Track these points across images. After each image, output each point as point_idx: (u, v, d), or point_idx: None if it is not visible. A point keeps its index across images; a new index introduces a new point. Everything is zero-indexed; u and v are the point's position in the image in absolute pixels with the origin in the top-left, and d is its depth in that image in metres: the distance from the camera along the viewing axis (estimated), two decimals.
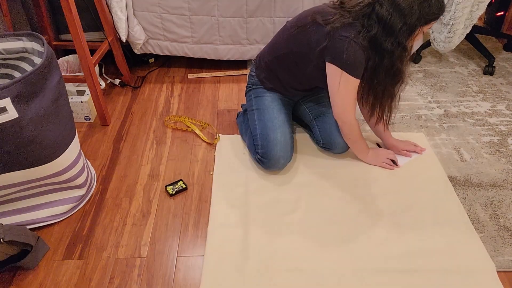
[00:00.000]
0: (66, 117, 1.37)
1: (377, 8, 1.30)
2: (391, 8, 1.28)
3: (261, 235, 1.40)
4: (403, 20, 1.29)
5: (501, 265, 1.31)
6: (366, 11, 1.32)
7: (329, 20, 1.37)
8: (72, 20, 1.63)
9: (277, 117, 1.62)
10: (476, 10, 2.01)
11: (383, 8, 1.29)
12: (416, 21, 1.29)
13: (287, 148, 1.59)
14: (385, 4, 1.29)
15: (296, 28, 1.47)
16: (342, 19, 1.35)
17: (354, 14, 1.34)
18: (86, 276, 1.30)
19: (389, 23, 1.29)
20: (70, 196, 1.48)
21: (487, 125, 1.91)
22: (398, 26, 1.29)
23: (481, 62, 2.41)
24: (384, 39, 1.31)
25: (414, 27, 1.31)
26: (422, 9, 1.28)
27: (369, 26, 1.32)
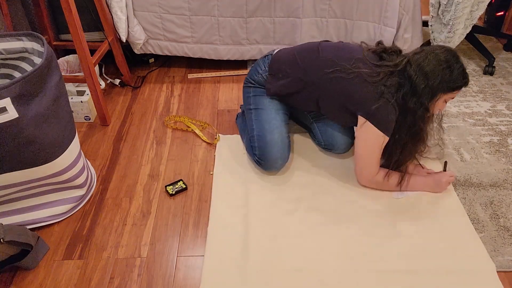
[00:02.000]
0: (66, 117, 1.37)
1: (408, 68, 1.37)
2: (417, 69, 1.36)
3: (261, 235, 1.40)
4: (426, 81, 1.35)
5: (501, 265, 1.31)
6: (402, 70, 1.39)
7: (377, 80, 1.40)
8: (72, 20, 1.63)
9: (275, 118, 1.61)
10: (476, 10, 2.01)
11: (411, 68, 1.36)
12: (438, 84, 1.35)
13: (284, 149, 1.59)
14: (413, 65, 1.37)
15: (335, 72, 1.46)
16: (389, 80, 1.40)
17: (395, 74, 1.40)
18: (86, 276, 1.30)
19: (414, 83, 1.36)
20: (70, 196, 1.48)
21: (487, 125, 1.91)
22: (421, 86, 1.35)
23: (481, 62, 2.41)
24: (410, 98, 1.38)
25: (436, 91, 1.36)
26: (444, 75, 1.34)
27: (402, 85, 1.39)
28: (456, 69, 1.35)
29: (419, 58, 1.37)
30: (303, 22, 2.14)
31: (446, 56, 1.36)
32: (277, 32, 2.18)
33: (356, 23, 2.15)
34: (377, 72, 1.41)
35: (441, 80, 1.35)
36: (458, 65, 1.36)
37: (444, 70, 1.34)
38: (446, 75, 1.34)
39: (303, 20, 2.13)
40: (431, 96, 1.37)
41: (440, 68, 1.34)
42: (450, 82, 1.35)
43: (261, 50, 2.24)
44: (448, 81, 1.35)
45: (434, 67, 1.35)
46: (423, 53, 1.38)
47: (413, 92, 1.37)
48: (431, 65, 1.35)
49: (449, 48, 1.38)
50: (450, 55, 1.36)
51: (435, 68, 1.34)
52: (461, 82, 1.37)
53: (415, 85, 1.36)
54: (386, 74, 1.40)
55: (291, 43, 2.20)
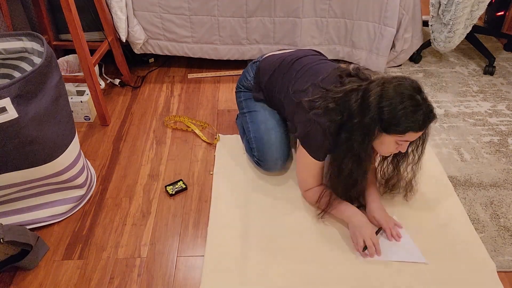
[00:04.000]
0: (66, 117, 1.37)
1: (352, 95, 1.23)
2: (360, 98, 1.20)
3: (261, 235, 1.40)
4: (361, 115, 1.19)
5: (501, 265, 1.31)
6: (347, 98, 1.24)
7: (314, 105, 1.30)
8: (72, 20, 1.63)
9: (270, 118, 1.61)
10: (476, 10, 2.01)
11: (355, 96, 1.22)
12: (370, 121, 1.17)
13: (283, 149, 1.59)
14: (360, 92, 1.21)
15: (294, 92, 1.43)
16: (324, 104, 1.27)
17: (337, 99, 1.26)
18: (86, 276, 1.30)
19: (350, 113, 1.22)
20: (70, 196, 1.48)
21: (487, 125, 1.91)
22: (355, 120, 1.20)
23: (481, 62, 2.41)
24: (342, 130, 1.25)
25: (369, 128, 1.19)
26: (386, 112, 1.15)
27: (340, 113, 1.25)
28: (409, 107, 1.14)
29: (377, 84, 1.19)
30: (303, 22, 2.14)
31: (409, 89, 1.15)
32: (277, 32, 2.18)
33: (356, 23, 2.15)
34: (322, 96, 1.29)
35: (377, 117, 1.16)
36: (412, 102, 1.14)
37: (394, 107, 1.14)
38: (392, 114, 1.15)
39: (303, 20, 2.13)
40: (363, 133, 1.20)
41: (391, 102, 1.15)
42: (394, 123, 1.16)
43: (261, 50, 2.24)
44: (392, 121, 1.15)
45: (386, 98, 1.15)
46: (382, 81, 1.19)
47: (347, 124, 1.23)
48: (385, 95, 1.16)
49: (414, 82, 1.18)
50: (414, 90, 1.16)
51: (386, 99, 1.15)
52: (409, 126, 1.15)
53: (350, 117, 1.22)
54: (328, 98, 1.27)
55: (291, 43, 2.20)
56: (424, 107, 1.16)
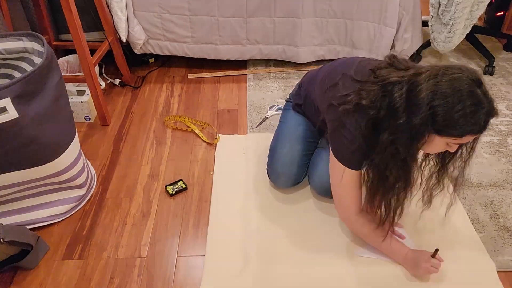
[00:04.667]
0: (66, 117, 1.37)
1: (395, 88, 1.03)
2: (408, 92, 1.00)
3: (261, 235, 1.40)
4: (409, 114, 1.00)
5: (501, 265, 1.31)
6: (386, 91, 1.05)
7: (345, 100, 1.12)
8: (72, 20, 1.63)
9: (292, 132, 1.48)
10: (476, 10, 2.01)
11: (399, 89, 1.02)
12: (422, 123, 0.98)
13: (291, 166, 1.46)
14: (405, 85, 1.01)
15: (327, 89, 1.25)
16: (357, 99, 1.09)
17: (373, 93, 1.07)
18: (86, 276, 1.30)
19: (393, 110, 1.03)
20: (70, 196, 1.48)
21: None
22: (400, 120, 1.01)
23: (481, 62, 2.41)
24: (382, 129, 1.06)
25: (418, 131, 1.00)
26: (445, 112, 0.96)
27: (377, 108, 1.06)
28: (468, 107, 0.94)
29: (427, 76, 0.98)
30: (303, 22, 2.14)
31: (469, 84, 0.95)
32: (277, 32, 2.18)
33: (356, 23, 2.15)
34: (355, 90, 1.11)
35: (430, 118, 0.97)
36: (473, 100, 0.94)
37: (451, 106, 0.95)
38: (449, 114, 0.96)
39: (303, 20, 2.13)
40: (411, 135, 1.02)
41: (446, 101, 0.95)
42: (450, 124, 0.97)
43: (261, 50, 2.24)
44: (449, 123, 0.97)
45: (441, 95, 0.95)
46: (440, 71, 0.98)
47: (387, 123, 1.05)
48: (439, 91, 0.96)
49: (474, 74, 0.97)
50: (474, 84, 0.96)
51: (440, 97, 0.95)
52: (468, 128, 0.97)
53: (392, 116, 1.03)
54: (362, 93, 1.09)
55: (291, 43, 2.20)
56: (486, 105, 0.95)
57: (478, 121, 0.96)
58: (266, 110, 2.00)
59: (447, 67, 0.99)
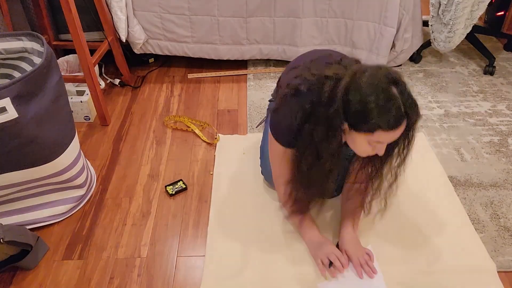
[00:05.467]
0: (66, 117, 1.37)
1: (326, 84, 1.07)
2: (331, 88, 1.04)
3: (261, 235, 1.40)
4: (327, 106, 1.04)
5: (501, 265, 1.31)
6: (320, 83, 1.09)
7: (289, 84, 1.18)
8: (72, 20, 1.63)
9: None
10: (476, 10, 2.01)
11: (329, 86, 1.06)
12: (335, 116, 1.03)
13: None
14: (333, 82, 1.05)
15: (290, 70, 1.31)
16: (296, 84, 1.15)
17: (311, 82, 1.12)
18: (86, 276, 1.30)
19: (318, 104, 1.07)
20: (70, 196, 1.48)
21: (487, 125, 1.91)
22: (320, 111, 1.06)
23: (481, 62, 2.41)
24: (309, 120, 1.11)
25: (332, 123, 1.04)
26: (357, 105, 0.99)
27: (313, 94, 1.10)
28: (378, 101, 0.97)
29: (349, 73, 1.02)
30: (303, 22, 2.14)
31: (382, 81, 0.98)
32: (277, 32, 2.18)
33: (356, 23, 2.15)
34: (299, 75, 1.17)
35: (342, 111, 1.01)
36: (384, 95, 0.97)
37: (362, 100, 0.98)
38: (360, 108, 0.99)
39: (303, 20, 2.13)
40: (327, 127, 1.06)
41: (359, 94, 0.98)
42: (361, 118, 1.00)
43: (261, 50, 2.24)
44: (360, 117, 1.00)
45: (354, 88, 0.99)
46: (355, 70, 1.03)
47: (313, 114, 1.09)
48: (353, 85, 1.00)
49: (391, 73, 1.00)
50: (389, 81, 0.99)
51: (353, 90, 0.99)
52: (377, 124, 0.99)
53: (317, 106, 1.07)
54: (304, 80, 1.13)
55: (291, 43, 2.20)
56: (399, 101, 0.97)
57: (388, 116, 0.97)
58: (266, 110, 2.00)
59: (370, 66, 1.03)
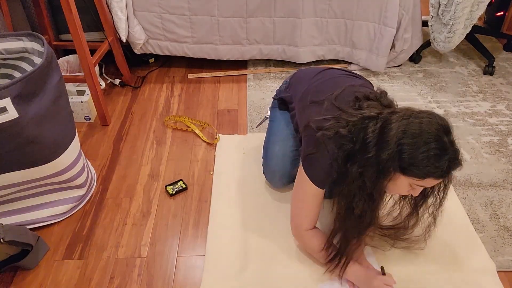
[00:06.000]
0: (66, 117, 1.37)
1: (370, 123, 1.06)
2: (380, 129, 1.03)
3: (261, 235, 1.40)
4: (377, 150, 1.03)
5: (501, 265, 1.31)
6: (363, 124, 1.08)
7: (324, 125, 1.14)
8: (72, 20, 1.63)
9: (282, 130, 1.51)
10: (476, 10, 2.01)
11: (374, 125, 1.05)
12: (389, 160, 1.01)
13: (284, 162, 1.48)
14: (379, 122, 1.04)
15: (311, 104, 1.27)
16: (336, 127, 1.11)
17: (351, 124, 1.09)
18: (86, 276, 1.30)
19: (364, 145, 1.06)
20: (70, 196, 1.48)
21: (487, 125, 1.91)
22: (369, 154, 1.04)
23: (481, 62, 2.41)
24: (353, 161, 1.09)
25: (385, 166, 1.02)
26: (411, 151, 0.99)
27: (351, 141, 1.09)
28: (433, 150, 0.98)
29: (401, 116, 1.02)
30: (303, 22, 2.14)
31: (438, 129, 0.99)
32: (277, 32, 2.18)
33: (356, 23, 2.15)
34: (335, 116, 1.14)
35: (396, 155, 1.00)
36: (438, 144, 0.98)
37: (417, 147, 0.98)
38: (414, 154, 0.98)
39: (303, 20, 2.13)
40: (378, 170, 1.04)
41: (414, 141, 0.98)
42: (414, 164, 0.99)
43: (261, 50, 2.24)
44: (413, 162, 0.99)
45: (410, 134, 0.99)
46: (414, 113, 1.03)
47: (358, 156, 1.07)
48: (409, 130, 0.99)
49: (443, 121, 1.02)
50: (443, 130, 1.00)
51: (409, 136, 0.99)
52: (431, 171, 0.99)
53: (363, 149, 1.06)
54: (342, 121, 1.11)
55: (291, 43, 2.21)
56: (450, 152, 0.99)
57: (441, 165, 0.98)
58: (266, 110, 2.00)
59: (421, 111, 1.04)
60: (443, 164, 0.98)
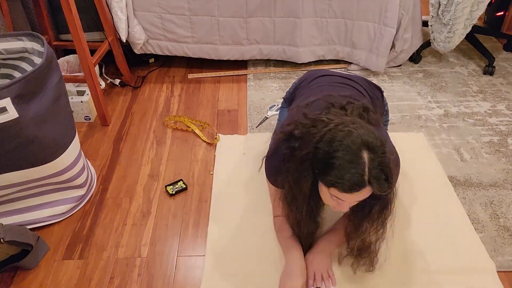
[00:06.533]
0: (66, 117, 1.37)
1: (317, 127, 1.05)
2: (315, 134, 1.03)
3: (261, 235, 1.40)
4: (301, 148, 1.05)
5: (501, 265, 1.31)
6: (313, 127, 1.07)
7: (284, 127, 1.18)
8: (72, 20, 1.63)
9: None
10: (476, 10, 2.01)
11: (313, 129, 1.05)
12: (305, 164, 1.03)
13: None
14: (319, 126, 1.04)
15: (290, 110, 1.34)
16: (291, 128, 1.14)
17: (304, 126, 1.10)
18: (86, 276, 1.30)
19: (297, 144, 1.08)
20: (70, 196, 1.48)
21: (487, 125, 1.91)
22: (297, 151, 1.06)
23: (481, 62, 2.41)
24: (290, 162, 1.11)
25: (301, 166, 1.05)
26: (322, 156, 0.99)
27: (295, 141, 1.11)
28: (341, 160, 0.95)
29: (335, 123, 1.01)
30: (303, 22, 2.14)
31: (355, 142, 0.96)
32: (277, 32, 2.18)
33: (356, 23, 2.15)
34: (295, 120, 1.15)
35: (312, 156, 1.01)
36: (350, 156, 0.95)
37: (329, 152, 0.97)
38: (325, 159, 0.98)
39: (303, 20, 2.13)
40: (298, 169, 1.06)
41: (328, 145, 0.97)
42: (324, 170, 0.98)
43: (261, 50, 2.24)
44: (323, 167, 0.98)
45: (327, 139, 0.98)
46: (349, 123, 1.00)
47: (294, 154, 1.09)
48: (328, 136, 0.99)
49: (375, 139, 0.97)
50: (363, 145, 0.96)
51: (326, 141, 0.99)
52: (334, 180, 0.96)
53: (296, 146, 1.08)
54: (298, 124, 1.12)
55: (291, 43, 2.21)
56: (363, 168, 0.94)
57: (346, 178, 0.94)
58: (266, 110, 2.01)
59: (356, 122, 1.01)
60: (348, 178, 0.94)
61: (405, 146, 1.76)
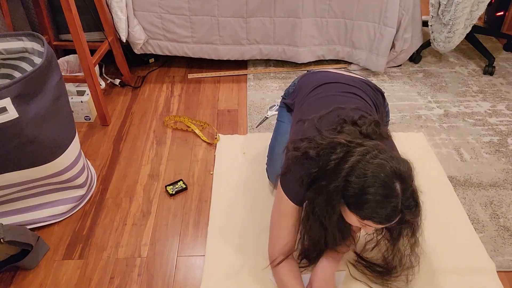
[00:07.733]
0: (66, 117, 1.37)
1: (337, 151, 1.03)
2: (341, 159, 1.01)
3: (261, 235, 1.40)
4: (329, 179, 1.01)
5: (501, 265, 1.31)
6: (331, 149, 1.05)
7: (298, 145, 1.13)
8: (72, 20, 1.63)
9: (289, 132, 1.49)
10: (476, 10, 2.01)
11: (337, 154, 1.02)
12: (336, 194, 1.00)
13: None
14: (342, 153, 1.02)
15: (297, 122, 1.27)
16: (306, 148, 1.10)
17: (321, 147, 1.07)
18: (86, 276, 1.30)
19: (323, 171, 1.04)
20: (70, 196, 1.48)
21: (487, 125, 1.91)
22: (322, 181, 1.04)
23: (481, 62, 2.41)
24: (313, 187, 1.08)
25: (331, 197, 1.01)
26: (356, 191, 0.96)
27: (317, 165, 1.07)
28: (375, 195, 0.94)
29: (361, 151, 0.99)
30: (303, 22, 2.14)
31: (388, 175, 0.94)
32: (277, 32, 2.18)
33: (356, 23, 2.15)
34: (310, 138, 1.12)
35: (342, 190, 0.99)
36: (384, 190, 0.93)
37: (363, 187, 0.95)
38: (358, 194, 0.96)
39: (303, 20, 2.13)
40: (326, 200, 1.03)
41: (361, 180, 0.95)
42: (357, 204, 0.97)
43: (261, 50, 2.24)
44: (356, 202, 0.97)
45: (359, 173, 0.96)
46: (375, 151, 0.99)
47: (316, 181, 1.07)
48: (359, 169, 0.96)
49: (400, 167, 0.96)
50: (395, 177, 0.95)
51: (358, 175, 0.96)
52: (369, 215, 0.96)
53: (321, 175, 1.05)
54: (313, 142, 1.09)
55: (291, 43, 2.21)
56: (397, 200, 0.94)
57: (382, 212, 0.94)
58: (266, 110, 2.01)
59: (384, 151, 0.99)
60: (383, 212, 0.94)
61: (405, 146, 1.76)
